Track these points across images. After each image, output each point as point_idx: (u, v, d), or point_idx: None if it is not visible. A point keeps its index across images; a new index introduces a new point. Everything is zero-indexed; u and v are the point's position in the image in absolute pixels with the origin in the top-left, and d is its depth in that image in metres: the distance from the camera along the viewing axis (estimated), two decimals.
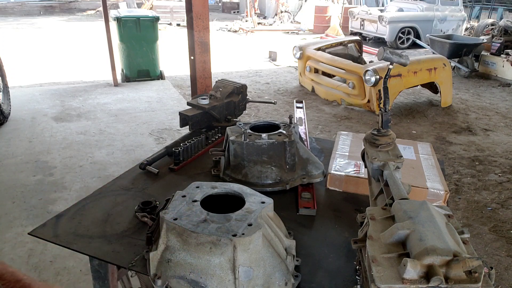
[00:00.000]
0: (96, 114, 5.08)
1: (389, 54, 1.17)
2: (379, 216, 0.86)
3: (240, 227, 0.94)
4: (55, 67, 7.60)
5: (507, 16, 15.03)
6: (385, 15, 10.92)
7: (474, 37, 10.12)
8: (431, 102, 6.24)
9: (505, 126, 5.36)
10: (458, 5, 11.78)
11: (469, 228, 3.06)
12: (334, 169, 1.49)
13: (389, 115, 1.20)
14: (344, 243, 1.16)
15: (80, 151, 4.03)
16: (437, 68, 5.66)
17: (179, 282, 0.91)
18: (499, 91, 7.02)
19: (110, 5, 10.37)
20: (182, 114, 1.79)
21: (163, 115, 5.13)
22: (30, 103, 5.39)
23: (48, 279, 2.34)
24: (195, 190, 1.11)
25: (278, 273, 0.95)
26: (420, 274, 0.67)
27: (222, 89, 1.93)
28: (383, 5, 13.89)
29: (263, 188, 1.39)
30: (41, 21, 14.52)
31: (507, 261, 2.73)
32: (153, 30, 6.52)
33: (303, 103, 2.01)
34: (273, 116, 5.37)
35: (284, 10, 16.25)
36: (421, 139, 4.61)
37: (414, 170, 1.49)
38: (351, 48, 7.04)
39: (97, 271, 1.24)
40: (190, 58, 3.31)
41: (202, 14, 3.13)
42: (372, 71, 5.11)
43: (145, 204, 1.28)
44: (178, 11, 14.60)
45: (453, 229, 0.77)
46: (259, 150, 1.42)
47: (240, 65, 8.49)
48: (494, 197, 3.54)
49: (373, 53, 9.60)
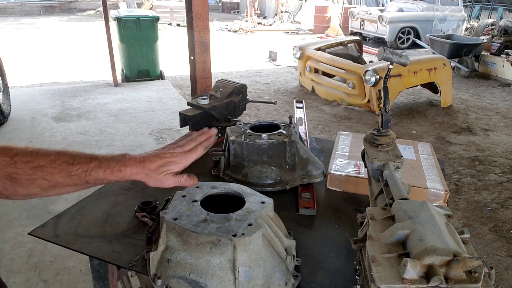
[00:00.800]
0: (96, 114, 5.08)
1: (389, 54, 1.17)
2: (379, 216, 0.86)
3: (240, 227, 0.94)
4: (55, 67, 7.60)
5: (507, 16, 15.03)
6: (385, 15, 10.92)
7: (474, 37, 10.12)
8: (431, 102, 6.24)
9: (505, 126, 5.36)
10: (458, 5, 11.78)
11: (469, 228, 3.06)
12: (334, 169, 1.49)
13: (389, 115, 1.20)
14: (344, 243, 1.16)
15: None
16: (437, 68, 5.67)
17: (179, 282, 0.91)
18: (499, 91, 7.02)
19: (110, 5, 10.36)
20: (182, 114, 1.79)
21: (163, 115, 5.13)
22: (30, 103, 5.39)
23: (48, 279, 2.34)
24: (195, 190, 1.11)
25: (278, 273, 0.95)
26: (420, 274, 0.67)
27: (222, 89, 1.93)
28: (383, 5, 13.89)
29: (263, 188, 1.39)
30: (41, 21, 14.52)
31: (507, 261, 2.73)
32: (153, 30, 6.52)
33: (303, 103, 2.01)
34: (273, 116, 5.37)
35: (284, 10, 16.25)
36: (421, 139, 4.61)
37: (414, 170, 1.49)
38: (351, 48, 7.04)
39: (97, 271, 1.24)
40: (190, 58, 3.30)
41: (202, 14, 3.13)
42: (372, 71, 5.11)
43: (145, 204, 1.28)
44: (178, 11, 14.60)
45: (453, 229, 0.77)
46: (259, 150, 1.42)
47: (240, 65, 8.49)
48: (494, 197, 3.54)
49: (373, 53, 9.60)
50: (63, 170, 0.77)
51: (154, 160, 0.82)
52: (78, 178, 0.77)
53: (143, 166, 0.81)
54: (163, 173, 0.83)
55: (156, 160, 0.82)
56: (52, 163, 0.76)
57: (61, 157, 0.78)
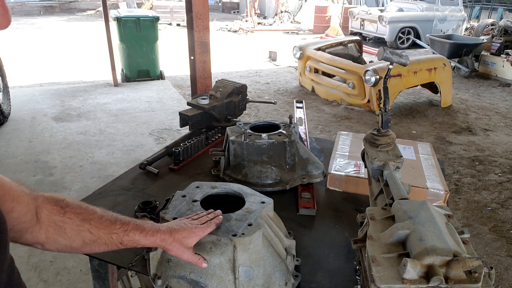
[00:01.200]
0: (96, 114, 5.08)
1: (389, 54, 1.17)
2: (379, 216, 0.86)
3: (240, 227, 0.94)
4: (55, 67, 7.60)
5: (507, 16, 15.03)
6: (385, 15, 10.92)
7: (474, 37, 10.11)
8: (431, 102, 6.24)
9: (505, 126, 5.36)
10: (458, 5, 11.78)
11: (469, 228, 3.06)
12: (334, 169, 1.49)
13: (389, 115, 1.20)
14: (344, 243, 1.16)
15: (80, 151, 4.03)
16: (437, 68, 5.66)
17: (179, 282, 0.91)
18: (499, 91, 7.02)
19: (110, 5, 10.37)
20: (182, 114, 1.79)
21: (163, 115, 5.13)
22: (30, 103, 5.39)
23: (48, 279, 2.34)
24: (195, 190, 1.11)
25: (278, 273, 0.95)
26: (420, 274, 0.67)
27: (222, 89, 1.93)
28: (383, 5, 13.88)
29: (263, 188, 1.39)
30: (41, 21, 14.52)
31: (507, 261, 2.73)
32: (153, 30, 6.52)
33: (303, 103, 2.01)
34: (273, 116, 5.37)
35: (284, 10, 16.25)
36: (421, 139, 4.61)
37: (414, 170, 1.49)
38: (351, 48, 7.04)
39: (97, 271, 1.24)
40: (190, 58, 3.31)
41: (202, 14, 3.13)
42: (372, 71, 5.11)
43: (145, 204, 1.28)
44: (178, 11, 14.59)
45: (453, 229, 0.77)
46: (259, 150, 1.42)
47: (240, 65, 8.49)
48: (494, 197, 3.54)
49: (373, 53, 9.60)
50: (107, 227, 0.82)
51: (180, 231, 0.87)
52: (117, 237, 0.82)
53: (173, 235, 0.86)
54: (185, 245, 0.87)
55: (182, 231, 0.87)
56: (99, 218, 0.82)
57: (106, 214, 0.84)
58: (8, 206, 0.75)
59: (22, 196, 0.76)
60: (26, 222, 0.77)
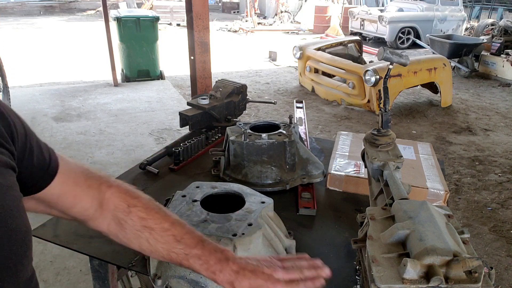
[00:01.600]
0: (96, 114, 5.07)
1: (389, 54, 1.17)
2: (379, 216, 0.86)
3: (240, 227, 0.94)
4: (55, 67, 7.60)
5: (507, 16, 15.02)
6: (385, 15, 10.92)
7: (474, 37, 10.11)
8: (431, 102, 6.24)
9: (505, 126, 5.36)
10: (458, 5, 11.77)
11: (469, 228, 3.06)
12: (334, 169, 1.49)
13: (389, 115, 1.20)
14: (344, 243, 1.16)
15: (80, 151, 4.03)
16: (437, 68, 5.66)
17: (179, 282, 0.91)
18: (499, 91, 7.02)
19: (110, 5, 10.36)
20: (182, 114, 1.79)
21: (163, 115, 5.13)
22: (30, 103, 5.39)
23: (48, 279, 2.34)
24: (195, 190, 1.11)
25: None
26: (420, 274, 0.67)
27: (222, 89, 1.93)
28: (383, 5, 13.88)
29: (263, 188, 1.39)
30: (41, 21, 14.52)
31: (507, 261, 2.73)
32: (153, 30, 6.52)
33: (303, 103, 2.01)
34: (273, 116, 5.37)
35: (284, 10, 16.24)
36: (421, 139, 4.61)
37: (414, 170, 1.49)
38: (351, 48, 7.03)
39: (97, 271, 1.24)
40: (190, 58, 3.30)
41: (202, 14, 3.13)
42: (372, 71, 5.11)
43: None
44: (178, 11, 14.59)
45: (453, 229, 0.77)
46: (259, 150, 1.42)
47: (240, 65, 8.49)
48: (494, 197, 3.54)
49: (373, 53, 9.59)
50: (168, 243, 0.75)
51: (248, 276, 0.71)
52: (177, 257, 0.75)
53: (237, 280, 0.72)
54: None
55: (249, 277, 0.71)
56: (163, 231, 0.76)
57: (173, 228, 0.76)
58: (69, 202, 0.77)
59: (87, 192, 0.77)
60: (89, 215, 0.79)
